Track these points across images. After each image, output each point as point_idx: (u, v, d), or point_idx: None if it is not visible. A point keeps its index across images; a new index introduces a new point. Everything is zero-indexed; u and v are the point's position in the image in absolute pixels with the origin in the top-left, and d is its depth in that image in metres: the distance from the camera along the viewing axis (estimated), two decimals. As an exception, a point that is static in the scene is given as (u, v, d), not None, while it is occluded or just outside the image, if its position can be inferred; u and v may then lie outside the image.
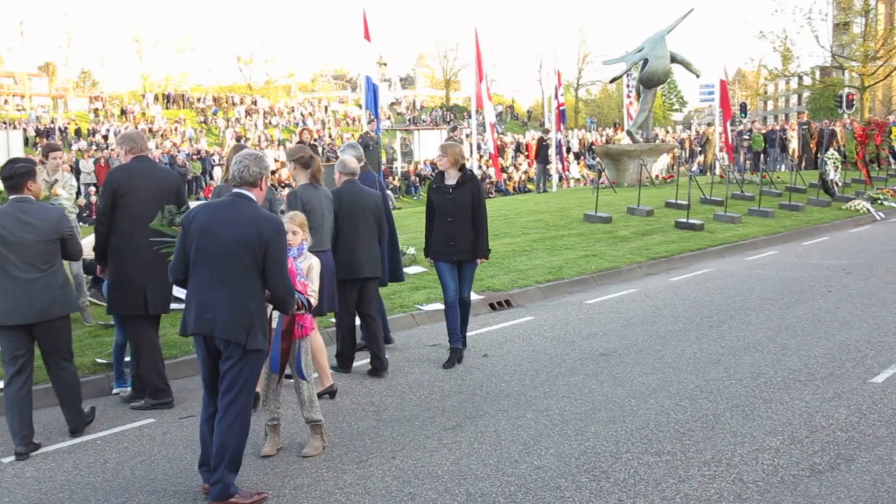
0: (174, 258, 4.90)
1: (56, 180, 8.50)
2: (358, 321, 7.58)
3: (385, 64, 57.30)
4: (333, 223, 7.12)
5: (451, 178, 7.52)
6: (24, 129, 37.42)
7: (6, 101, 50.28)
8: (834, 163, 19.61)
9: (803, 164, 28.16)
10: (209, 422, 4.80)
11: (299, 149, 7.39)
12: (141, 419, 6.40)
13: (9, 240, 5.66)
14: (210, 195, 10.84)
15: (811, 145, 28.98)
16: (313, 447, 5.51)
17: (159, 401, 6.62)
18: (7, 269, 5.65)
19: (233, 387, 4.68)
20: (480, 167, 25.77)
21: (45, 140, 37.92)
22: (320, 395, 6.46)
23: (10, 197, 5.81)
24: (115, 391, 7.03)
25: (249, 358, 4.70)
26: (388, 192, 28.46)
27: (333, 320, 7.89)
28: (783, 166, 29.83)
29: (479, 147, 24.45)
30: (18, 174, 5.76)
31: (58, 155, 8.66)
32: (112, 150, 34.41)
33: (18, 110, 47.73)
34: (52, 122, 42.81)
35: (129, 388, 6.92)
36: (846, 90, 35.79)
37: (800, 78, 48.84)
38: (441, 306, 9.73)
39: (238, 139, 42.68)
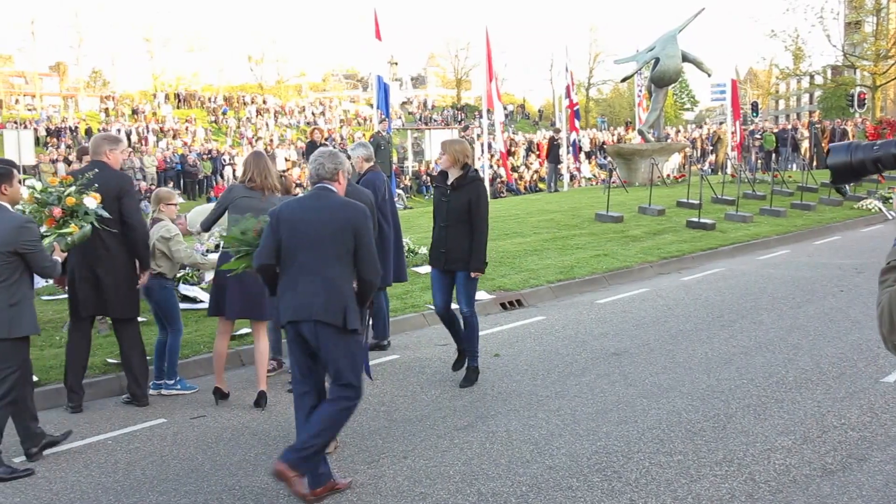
0: (262, 243, 4.91)
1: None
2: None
3: (396, 63, 57.32)
4: None
5: (451, 179, 6.96)
6: (35, 129, 37.61)
7: (17, 101, 50.54)
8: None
9: (815, 163, 28.04)
10: (301, 399, 4.86)
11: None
12: (152, 419, 6.42)
13: None
14: (220, 194, 10.87)
15: (823, 144, 28.85)
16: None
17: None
18: None
19: (341, 374, 4.71)
20: (492, 166, 25.73)
21: (55, 140, 38.16)
22: None
23: None
24: (153, 392, 7.09)
25: (348, 339, 4.73)
26: (399, 191, 28.59)
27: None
28: (794, 165, 29.72)
29: (489, 147, 24.42)
30: None
31: None
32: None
33: (29, 110, 47.94)
34: (63, 121, 43.01)
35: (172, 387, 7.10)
36: (858, 89, 35.62)
37: (811, 77, 48.61)
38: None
39: (252, 141, 42.78)
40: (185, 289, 9.55)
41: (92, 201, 6.05)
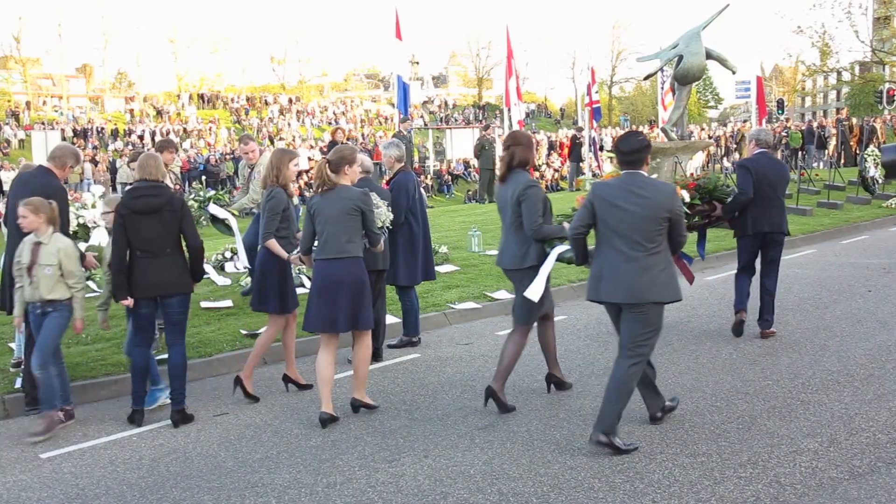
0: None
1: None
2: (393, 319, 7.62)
3: (417, 62, 57.36)
4: None
5: None
6: (62, 130, 38.01)
7: (44, 102, 51.11)
8: (874, 160, 19.23)
9: (842, 160, 27.72)
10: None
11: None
12: (176, 416, 6.46)
13: (616, 211, 5.35)
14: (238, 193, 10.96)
15: (851, 142, 28.50)
16: None
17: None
18: (612, 245, 5.36)
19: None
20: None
21: (82, 140, 38.56)
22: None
23: (623, 172, 5.45)
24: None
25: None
26: (421, 190, 28.63)
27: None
28: (821, 163, 29.39)
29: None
30: (641, 148, 5.38)
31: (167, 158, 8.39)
32: (148, 149, 34.72)
33: (56, 111, 48.49)
34: (90, 122, 43.45)
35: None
36: (886, 85, 35.15)
37: (839, 73, 48.09)
38: (475, 305, 9.73)
39: (272, 138, 42.99)
40: (214, 209, 8.97)
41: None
